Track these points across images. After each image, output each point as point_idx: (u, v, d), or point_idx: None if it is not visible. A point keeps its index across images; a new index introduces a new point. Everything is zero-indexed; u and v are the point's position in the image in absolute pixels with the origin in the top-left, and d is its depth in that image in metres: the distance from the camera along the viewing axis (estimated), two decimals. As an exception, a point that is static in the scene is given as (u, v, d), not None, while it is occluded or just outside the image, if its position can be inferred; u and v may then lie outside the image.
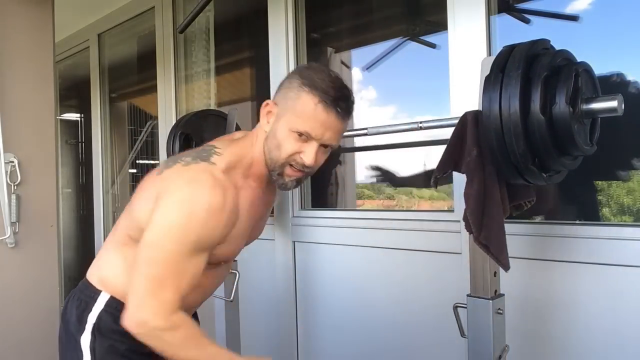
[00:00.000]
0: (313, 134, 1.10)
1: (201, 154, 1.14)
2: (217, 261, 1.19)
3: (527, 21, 1.66)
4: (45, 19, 2.10)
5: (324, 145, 1.13)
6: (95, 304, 1.20)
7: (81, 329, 1.20)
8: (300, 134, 1.10)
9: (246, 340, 2.21)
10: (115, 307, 1.18)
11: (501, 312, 1.22)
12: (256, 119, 2.70)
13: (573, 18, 1.57)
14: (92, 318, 1.20)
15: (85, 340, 1.19)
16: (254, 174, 1.19)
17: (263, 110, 1.18)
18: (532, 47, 1.08)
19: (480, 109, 1.09)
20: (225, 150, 1.16)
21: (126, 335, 1.16)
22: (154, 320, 1.03)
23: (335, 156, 2.38)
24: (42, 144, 2.06)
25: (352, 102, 1.16)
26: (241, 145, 1.20)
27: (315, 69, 1.16)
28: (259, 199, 1.23)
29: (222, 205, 1.06)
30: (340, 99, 1.10)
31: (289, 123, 1.11)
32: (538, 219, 1.61)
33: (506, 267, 1.15)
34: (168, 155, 2.07)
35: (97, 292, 1.21)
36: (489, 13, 1.61)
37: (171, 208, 1.04)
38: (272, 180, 1.18)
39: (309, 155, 1.11)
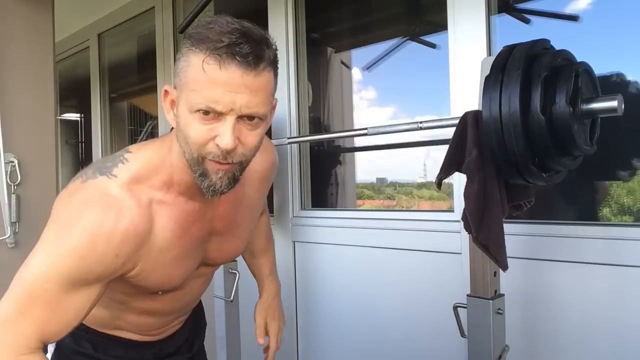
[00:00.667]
0: (219, 107, 0.78)
1: (105, 163, 0.90)
2: (150, 292, 0.99)
3: (527, 21, 1.66)
4: (45, 19, 2.10)
5: (248, 118, 0.81)
6: None
7: (45, 349, 1.08)
8: (206, 112, 0.79)
9: (246, 340, 2.21)
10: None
11: (501, 312, 1.22)
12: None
13: (573, 18, 1.57)
14: None
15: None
16: (178, 184, 0.91)
17: (165, 103, 0.89)
18: (532, 47, 1.08)
19: (480, 109, 1.09)
20: (134, 156, 0.91)
21: (85, 355, 1.09)
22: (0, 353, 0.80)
23: (335, 156, 2.38)
24: (42, 144, 2.06)
25: (263, 43, 0.81)
26: (156, 149, 0.93)
27: (205, 21, 0.83)
28: (195, 215, 0.95)
29: (112, 230, 0.82)
30: (237, 44, 0.77)
31: (187, 103, 0.80)
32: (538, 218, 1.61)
33: (504, 268, 1.15)
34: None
35: None
36: (489, 13, 1.61)
37: (49, 236, 0.84)
38: (199, 185, 0.87)
39: (224, 137, 0.79)
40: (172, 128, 0.89)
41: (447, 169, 1.17)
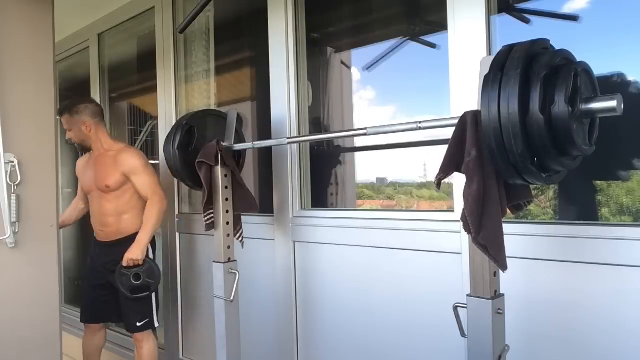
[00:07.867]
0: None
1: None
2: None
3: (527, 21, 1.66)
4: (45, 19, 2.10)
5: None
6: None
7: None
8: None
9: (246, 340, 2.21)
10: None
11: (501, 312, 1.22)
12: (256, 117, 2.70)
13: (573, 18, 1.57)
14: None
15: None
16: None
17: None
18: (532, 47, 1.07)
19: (480, 108, 1.09)
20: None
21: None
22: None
23: (335, 156, 2.38)
24: (42, 144, 2.06)
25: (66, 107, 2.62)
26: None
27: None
28: None
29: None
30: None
31: None
32: (538, 218, 1.61)
33: (504, 268, 1.15)
34: (166, 153, 2.07)
35: None
36: (489, 13, 1.61)
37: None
38: None
39: None
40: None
41: (447, 169, 1.17)
